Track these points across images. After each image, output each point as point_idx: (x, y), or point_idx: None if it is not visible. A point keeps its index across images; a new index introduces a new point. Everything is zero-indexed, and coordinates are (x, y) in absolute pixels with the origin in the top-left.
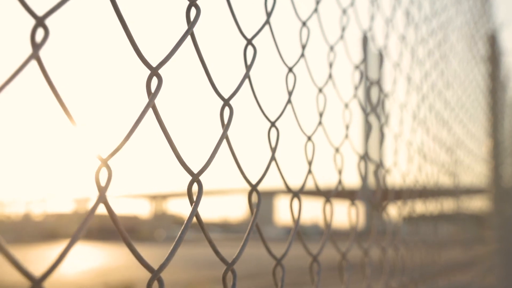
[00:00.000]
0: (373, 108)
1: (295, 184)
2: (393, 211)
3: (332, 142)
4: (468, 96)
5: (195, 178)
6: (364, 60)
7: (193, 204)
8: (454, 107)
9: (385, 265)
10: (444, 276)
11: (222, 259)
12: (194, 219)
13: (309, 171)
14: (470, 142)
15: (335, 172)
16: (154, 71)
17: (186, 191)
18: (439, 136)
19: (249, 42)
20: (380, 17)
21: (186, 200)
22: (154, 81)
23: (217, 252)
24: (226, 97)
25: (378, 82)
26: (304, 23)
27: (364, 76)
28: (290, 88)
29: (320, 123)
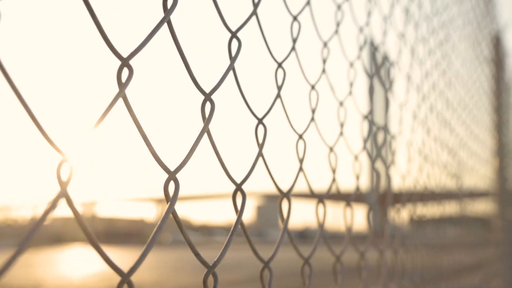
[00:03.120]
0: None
1: (287, 186)
2: (394, 213)
3: (326, 141)
4: (472, 97)
5: (172, 176)
6: (360, 56)
7: (169, 203)
8: (457, 107)
9: (383, 268)
10: (448, 279)
11: (203, 262)
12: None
13: (300, 169)
14: (473, 143)
15: (330, 172)
16: (125, 62)
17: (192, 194)
18: (441, 137)
19: (234, 35)
20: (378, 14)
21: (191, 203)
22: (125, 72)
23: (197, 254)
24: (207, 91)
25: (374, 81)
26: (295, 18)
27: (360, 74)
28: (280, 83)
29: (312, 119)
